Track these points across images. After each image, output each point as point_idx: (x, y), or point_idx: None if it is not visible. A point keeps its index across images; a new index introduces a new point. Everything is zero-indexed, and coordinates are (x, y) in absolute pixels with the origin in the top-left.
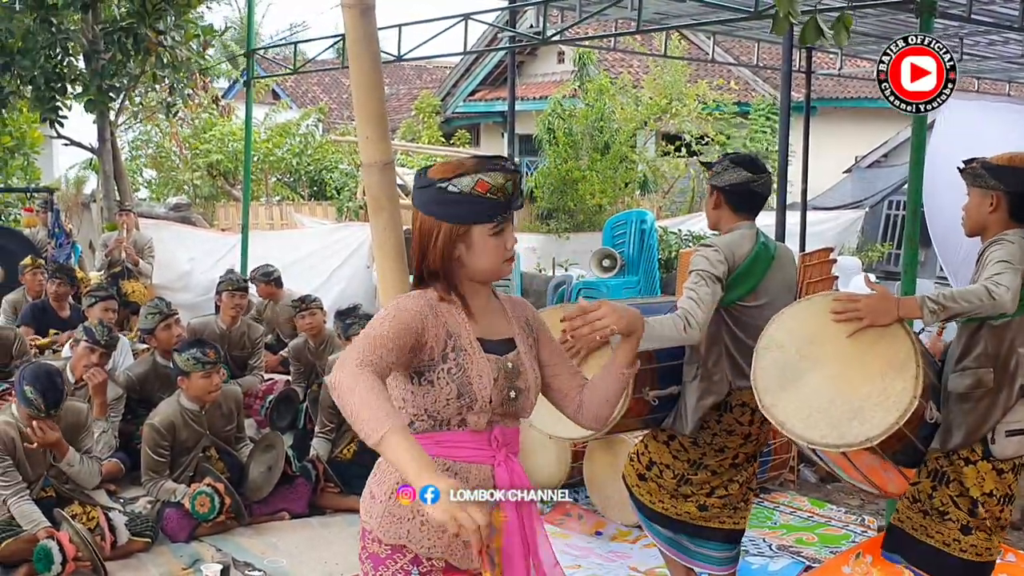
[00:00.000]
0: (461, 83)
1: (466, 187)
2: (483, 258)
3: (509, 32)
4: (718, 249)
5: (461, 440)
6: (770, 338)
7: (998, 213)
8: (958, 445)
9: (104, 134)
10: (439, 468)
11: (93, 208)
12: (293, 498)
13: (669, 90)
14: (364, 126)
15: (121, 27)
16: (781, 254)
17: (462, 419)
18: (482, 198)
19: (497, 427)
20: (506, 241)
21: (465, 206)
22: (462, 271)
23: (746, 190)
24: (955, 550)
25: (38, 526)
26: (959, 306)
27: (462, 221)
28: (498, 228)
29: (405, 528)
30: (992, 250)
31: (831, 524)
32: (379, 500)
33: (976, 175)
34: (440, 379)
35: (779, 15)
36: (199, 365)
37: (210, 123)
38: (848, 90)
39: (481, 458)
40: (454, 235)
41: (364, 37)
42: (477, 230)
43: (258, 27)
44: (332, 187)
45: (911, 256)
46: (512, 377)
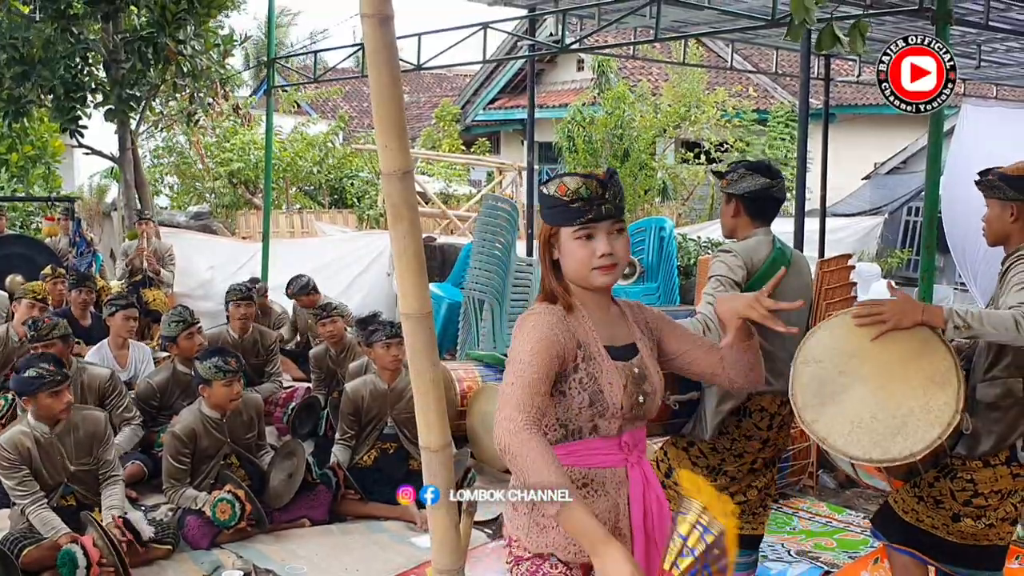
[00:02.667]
0: (481, 91)
1: (551, 190)
2: (569, 261)
3: (528, 40)
4: (736, 255)
5: (593, 448)
6: (808, 352)
7: (1019, 223)
8: (986, 452)
9: (125, 143)
10: (575, 478)
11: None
12: (314, 505)
13: (688, 97)
14: (383, 135)
15: (141, 36)
16: (797, 260)
17: (594, 426)
18: (561, 200)
19: (626, 432)
20: (595, 248)
21: (551, 208)
22: (562, 274)
23: (765, 196)
24: (943, 533)
25: (58, 532)
26: (984, 330)
27: (552, 222)
28: (581, 232)
29: (550, 537)
30: (1016, 269)
31: (850, 529)
32: (521, 512)
33: (994, 187)
34: (572, 389)
35: (795, 22)
36: (220, 373)
37: (232, 132)
38: (867, 97)
39: (614, 462)
40: (548, 235)
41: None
42: (564, 232)
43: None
44: (352, 195)
45: (928, 263)
46: (639, 381)
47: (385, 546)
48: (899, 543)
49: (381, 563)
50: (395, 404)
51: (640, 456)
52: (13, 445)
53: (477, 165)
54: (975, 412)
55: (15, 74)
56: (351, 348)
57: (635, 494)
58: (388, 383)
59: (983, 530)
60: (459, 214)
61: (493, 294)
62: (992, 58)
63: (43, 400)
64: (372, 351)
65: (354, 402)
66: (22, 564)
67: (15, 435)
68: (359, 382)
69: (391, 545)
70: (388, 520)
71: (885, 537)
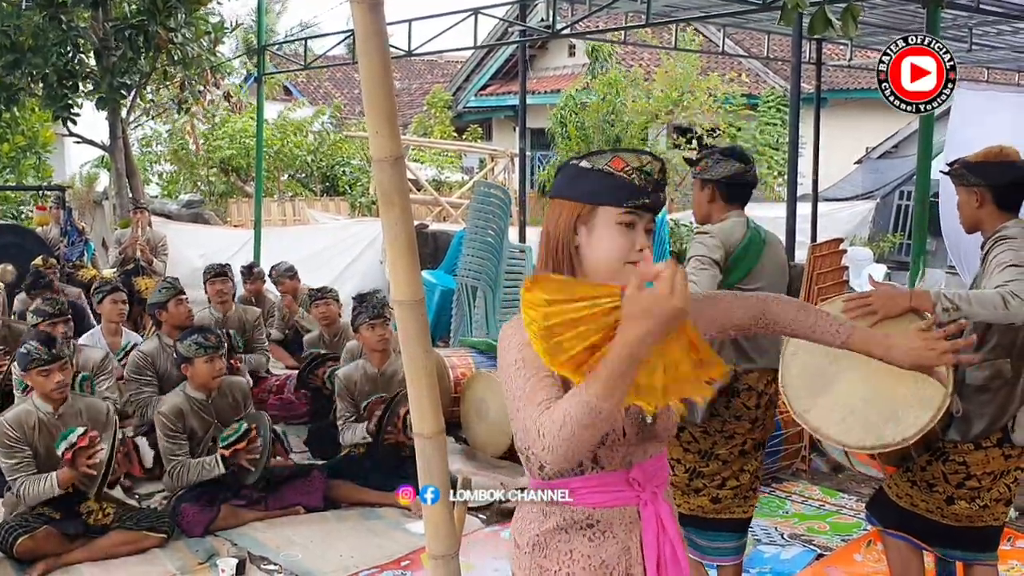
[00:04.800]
0: (473, 77)
1: (600, 163)
2: (602, 247)
3: (519, 26)
4: (714, 235)
5: (597, 484)
6: (795, 344)
7: (986, 207)
8: (978, 435)
9: (116, 131)
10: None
11: (105, 205)
12: (308, 491)
13: (680, 83)
14: (374, 121)
15: (132, 24)
16: (771, 239)
17: (595, 457)
18: (614, 174)
19: (636, 465)
20: (635, 239)
21: (594, 182)
22: (579, 267)
23: (740, 181)
24: (938, 516)
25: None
26: (972, 310)
27: (588, 199)
28: (627, 216)
29: None
30: (998, 251)
31: (842, 513)
32: (524, 551)
33: (959, 175)
34: None
35: (787, 6)
36: (201, 350)
37: (225, 119)
38: (858, 81)
39: (623, 500)
40: (577, 214)
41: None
42: (602, 212)
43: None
44: (345, 182)
45: (919, 246)
46: None
47: (379, 532)
48: (894, 528)
49: (375, 549)
50: (386, 389)
51: (656, 493)
52: (18, 423)
53: (469, 152)
54: (965, 396)
55: (6, 62)
56: (344, 332)
57: (648, 538)
58: (378, 367)
59: (977, 512)
60: (451, 201)
61: (486, 281)
62: (983, 41)
63: (34, 378)
64: (359, 334)
65: (347, 387)
66: (16, 553)
67: (20, 412)
68: (351, 367)
69: (385, 531)
70: (382, 507)
71: (880, 522)
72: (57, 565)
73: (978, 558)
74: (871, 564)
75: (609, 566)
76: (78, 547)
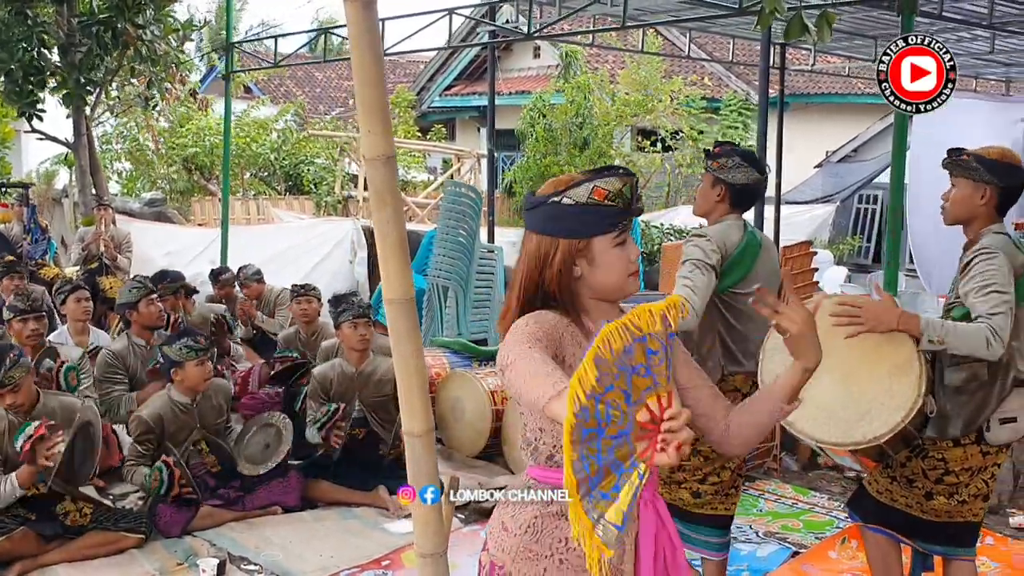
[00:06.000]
0: (437, 77)
1: (581, 197)
2: (608, 273)
3: (489, 26)
4: (711, 239)
5: None
6: (776, 341)
7: (988, 207)
8: (955, 435)
9: (80, 128)
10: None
11: (65, 203)
12: (285, 491)
13: (644, 86)
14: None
15: (99, 20)
16: (766, 243)
17: None
18: (600, 206)
19: None
20: (629, 252)
21: (583, 217)
22: (585, 292)
23: (754, 191)
24: (917, 512)
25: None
26: (956, 344)
27: (581, 235)
28: (620, 238)
29: (541, 567)
30: (980, 266)
31: (815, 511)
32: (512, 533)
33: (968, 167)
34: None
35: (765, 11)
36: (193, 353)
37: (186, 117)
38: (819, 86)
39: None
40: (573, 251)
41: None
42: (598, 243)
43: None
44: (309, 181)
45: (894, 247)
46: None
47: (358, 532)
48: (875, 523)
49: (355, 549)
50: (363, 388)
51: (653, 492)
52: None
53: (435, 152)
54: (943, 397)
55: None
56: (322, 330)
57: (645, 537)
58: (356, 366)
59: (956, 507)
60: (417, 201)
61: (458, 280)
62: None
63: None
64: (340, 332)
65: (322, 385)
66: None
67: None
68: (327, 366)
69: (364, 531)
70: (360, 506)
71: (861, 518)
72: (34, 566)
73: (957, 553)
74: (846, 561)
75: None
76: (55, 548)
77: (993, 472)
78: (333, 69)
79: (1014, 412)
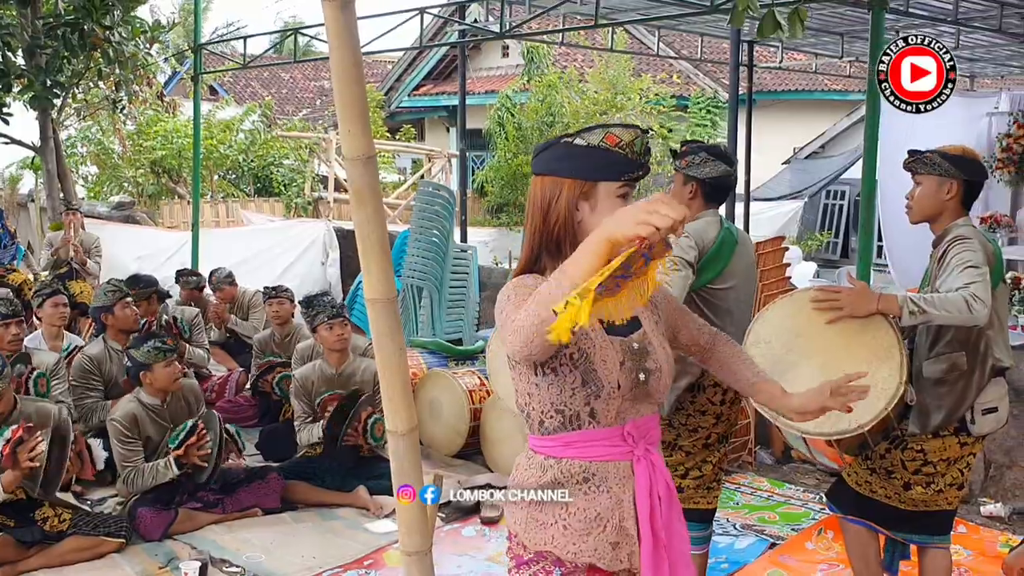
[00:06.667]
0: (405, 77)
1: (594, 140)
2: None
3: (459, 26)
4: (688, 236)
5: (593, 438)
6: (756, 334)
7: (954, 201)
8: (938, 427)
9: (47, 131)
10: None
11: (31, 208)
12: (265, 493)
13: (614, 84)
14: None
15: (65, 22)
16: (742, 238)
17: (591, 411)
18: (610, 151)
19: (630, 420)
20: None
21: (593, 159)
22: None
23: (724, 184)
24: (896, 502)
25: None
26: (938, 314)
27: (588, 176)
28: (624, 189)
29: (549, 534)
30: (955, 251)
31: (791, 503)
32: (520, 506)
33: (932, 163)
34: (563, 367)
35: (738, 8)
36: (160, 354)
37: (154, 119)
38: (786, 83)
39: (618, 455)
40: (578, 191)
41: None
42: (603, 188)
43: None
44: (279, 183)
45: (865, 241)
46: (640, 358)
47: (339, 533)
48: (854, 514)
49: (337, 550)
50: (343, 388)
51: (648, 448)
52: None
53: (406, 152)
54: (923, 389)
55: None
56: (296, 332)
57: (641, 491)
58: (336, 367)
59: (932, 496)
60: (389, 202)
61: (432, 281)
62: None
63: None
64: (317, 334)
65: (304, 387)
66: None
67: None
68: (307, 368)
69: (345, 532)
70: (341, 507)
71: (840, 509)
72: (13, 573)
73: (933, 541)
74: (822, 552)
75: (603, 518)
76: (34, 554)
77: (969, 462)
78: (299, 70)
79: (995, 402)
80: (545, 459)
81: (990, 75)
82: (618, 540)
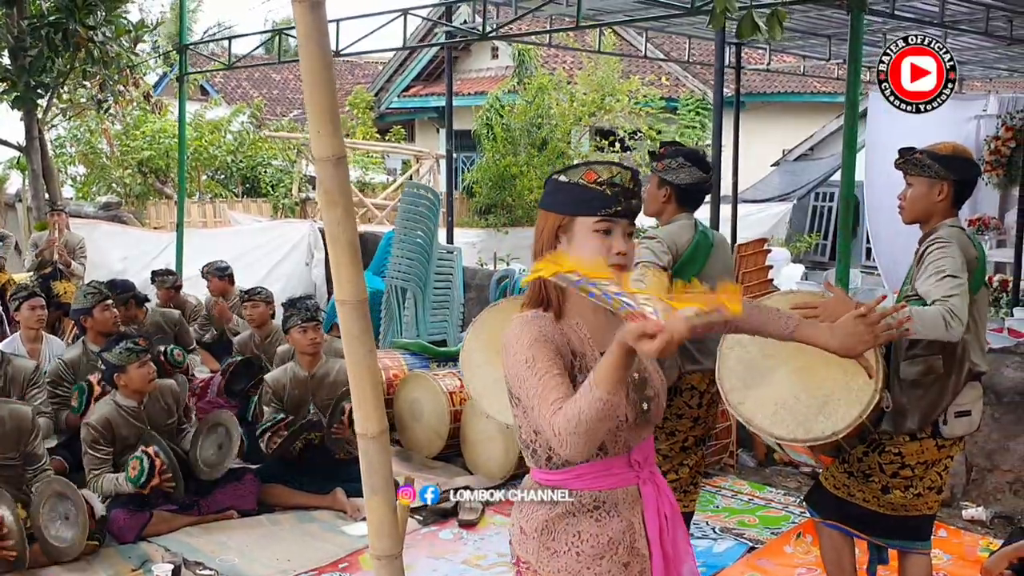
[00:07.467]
0: (395, 78)
1: (575, 177)
2: (582, 254)
3: (446, 27)
4: (661, 240)
5: (602, 469)
6: (733, 338)
7: (945, 201)
8: (912, 429)
9: (32, 132)
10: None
11: (18, 208)
12: (241, 495)
13: (602, 86)
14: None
15: (49, 22)
16: (718, 241)
17: (600, 444)
18: (587, 188)
19: (635, 447)
20: (612, 244)
21: (572, 195)
22: None
23: (699, 189)
24: (873, 505)
25: None
26: (915, 327)
27: (566, 211)
28: (601, 224)
29: (562, 561)
30: (933, 255)
31: (771, 506)
32: (531, 536)
33: (923, 165)
34: None
35: (716, 10)
36: (133, 355)
37: (141, 120)
38: (775, 85)
39: (625, 481)
40: (557, 225)
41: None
42: (580, 222)
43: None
44: (267, 184)
45: (845, 244)
46: (641, 388)
47: (316, 535)
48: (833, 518)
49: (313, 552)
50: (316, 391)
51: (651, 471)
52: None
53: (394, 153)
54: (899, 391)
55: None
56: (276, 334)
57: (650, 512)
58: (308, 370)
59: (911, 500)
60: (376, 202)
61: (416, 282)
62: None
63: None
64: (290, 336)
65: (275, 391)
66: None
67: None
68: (279, 371)
69: (322, 534)
70: (317, 510)
71: (819, 513)
72: None
73: (913, 546)
74: (800, 556)
75: (615, 542)
76: None
77: (947, 465)
78: (290, 71)
79: (968, 405)
80: (554, 491)
81: (978, 78)
82: (629, 560)
